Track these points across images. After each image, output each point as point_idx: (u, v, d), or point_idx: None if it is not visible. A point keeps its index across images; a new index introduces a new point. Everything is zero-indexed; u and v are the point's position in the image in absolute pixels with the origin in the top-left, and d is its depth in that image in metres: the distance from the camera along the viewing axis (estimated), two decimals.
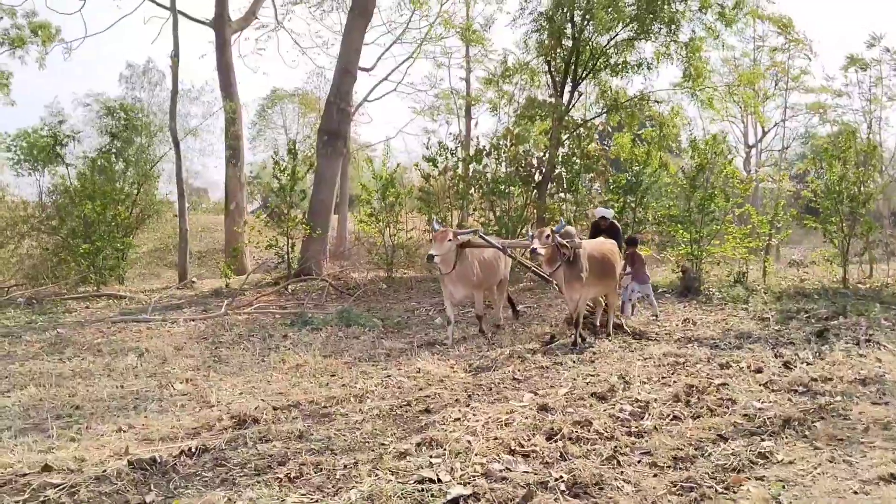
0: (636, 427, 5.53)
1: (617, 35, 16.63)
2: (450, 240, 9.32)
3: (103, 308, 13.94)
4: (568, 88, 17.42)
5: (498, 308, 11.14)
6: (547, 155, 17.16)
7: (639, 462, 4.78)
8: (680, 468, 4.65)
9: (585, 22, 16.47)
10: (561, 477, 4.42)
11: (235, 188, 20.06)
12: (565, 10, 16.52)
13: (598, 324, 10.55)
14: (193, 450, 5.09)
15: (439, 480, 4.35)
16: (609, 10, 15.12)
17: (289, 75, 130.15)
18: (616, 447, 5.03)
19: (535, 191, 17.13)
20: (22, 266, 17.51)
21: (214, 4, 20.06)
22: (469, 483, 4.33)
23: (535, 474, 4.52)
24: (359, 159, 36.51)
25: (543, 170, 17.35)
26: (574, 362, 8.23)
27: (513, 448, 4.98)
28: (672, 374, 7.50)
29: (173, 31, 18.12)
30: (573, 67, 17.04)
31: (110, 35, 67.75)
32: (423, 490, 4.21)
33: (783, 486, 4.26)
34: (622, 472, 4.58)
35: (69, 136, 18.53)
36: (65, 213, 17.10)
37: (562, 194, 17.60)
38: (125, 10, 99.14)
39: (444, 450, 4.91)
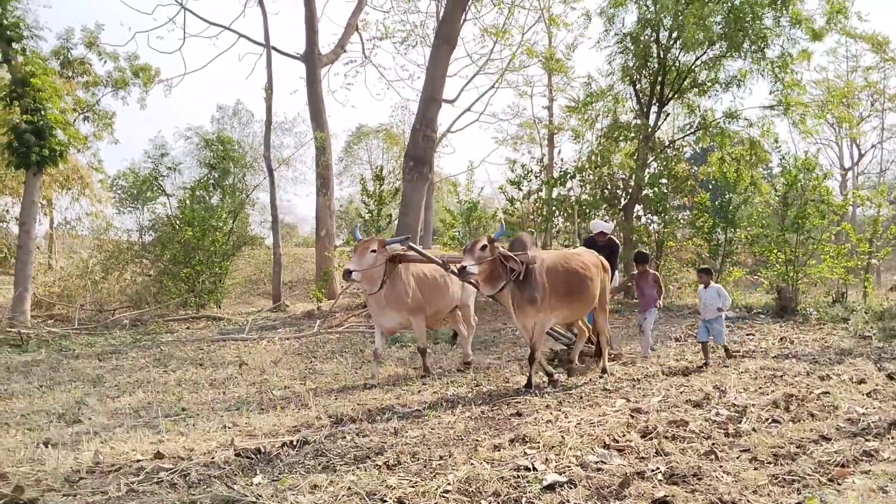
0: (734, 429, 5.42)
1: (704, 53, 16.42)
2: (373, 250, 7.79)
3: (202, 328, 14.55)
4: (654, 109, 17.27)
5: (466, 341, 9.48)
6: (633, 176, 16.98)
7: (738, 458, 4.70)
8: (781, 464, 4.55)
9: (671, 41, 16.37)
10: (658, 468, 4.40)
11: (325, 216, 20.59)
12: (651, 31, 16.47)
13: (572, 359, 8.84)
14: (295, 442, 5.32)
15: (535, 469, 4.40)
16: (699, 25, 14.90)
17: (375, 108, 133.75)
18: (714, 444, 4.95)
19: (622, 213, 16.99)
20: (125, 292, 18.43)
21: (305, 40, 20.84)
22: (564, 472, 4.36)
23: (631, 466, 4.51)
24: (442, 190, 36.97)
25: (630, 191, 17.21)
26: (666, 374, 8.13)
27: (607, 443, 4.98)
28: (769, 384, 7.32)
29: (267, 65, 19.06)
30: (659, 87, 16.91)
31: (205, 71, 70.94)
32: (518, 476, 4.26)
33: (891, 479, 4.12)
34: (721, 465, 4.51)
35: (170, 167, 19.56)
36: (166, 239, 17.95)
37: (649, 216, 17.39)
38: (221, 47, 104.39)
39: (538, 444, 4.95)
